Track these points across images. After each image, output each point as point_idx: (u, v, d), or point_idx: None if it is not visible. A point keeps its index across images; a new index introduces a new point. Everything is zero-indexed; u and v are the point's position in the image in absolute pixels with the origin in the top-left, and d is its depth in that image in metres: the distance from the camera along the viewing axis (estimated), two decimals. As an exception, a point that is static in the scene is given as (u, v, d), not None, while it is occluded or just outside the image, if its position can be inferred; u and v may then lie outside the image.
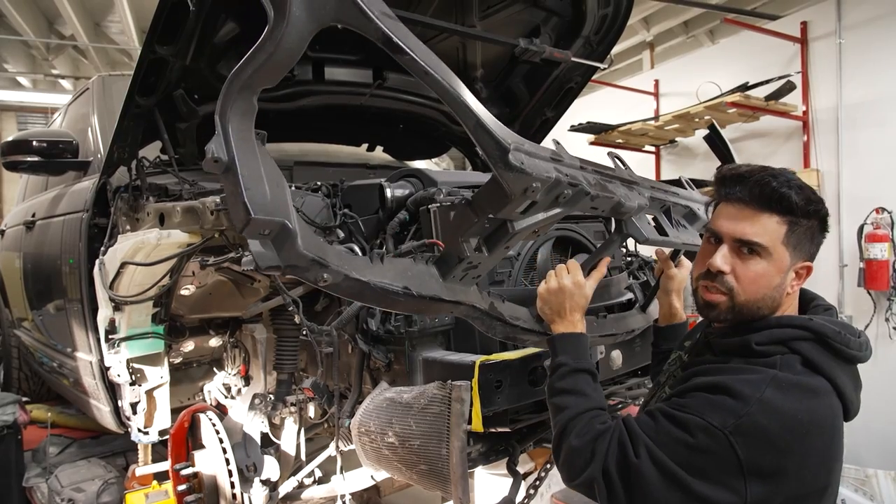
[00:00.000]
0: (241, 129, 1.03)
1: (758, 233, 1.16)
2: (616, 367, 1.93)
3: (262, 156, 1.05)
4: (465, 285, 1.37)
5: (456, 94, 1.11)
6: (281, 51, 1.01)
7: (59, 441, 3.42)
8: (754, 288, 1.18)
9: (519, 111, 3.18)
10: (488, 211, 1.24)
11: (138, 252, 2.08)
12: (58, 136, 2.81)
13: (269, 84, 1.05)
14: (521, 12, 2.63)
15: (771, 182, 1.16)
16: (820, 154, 4.92)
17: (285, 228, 1.04)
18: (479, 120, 1.13)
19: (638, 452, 1.09)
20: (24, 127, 9.95)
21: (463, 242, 1.29)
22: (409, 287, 1.24)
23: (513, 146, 1.13)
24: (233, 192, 1.01)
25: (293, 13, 1.00)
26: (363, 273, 1.18)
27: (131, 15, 7.97)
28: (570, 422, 1.23)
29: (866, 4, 4.65)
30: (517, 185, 1.15)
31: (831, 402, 1.11)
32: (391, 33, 1.06)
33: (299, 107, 2.64)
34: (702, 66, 6.05)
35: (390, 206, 1.83)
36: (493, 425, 1.61)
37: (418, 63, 1.08)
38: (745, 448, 1.03)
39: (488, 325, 1.44)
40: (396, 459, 1.65)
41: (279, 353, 2.29)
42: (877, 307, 4.54)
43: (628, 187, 1.48)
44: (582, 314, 1.43)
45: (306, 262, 1.08)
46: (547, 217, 1.30)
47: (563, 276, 1.43)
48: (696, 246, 1.67)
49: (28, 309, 3.44)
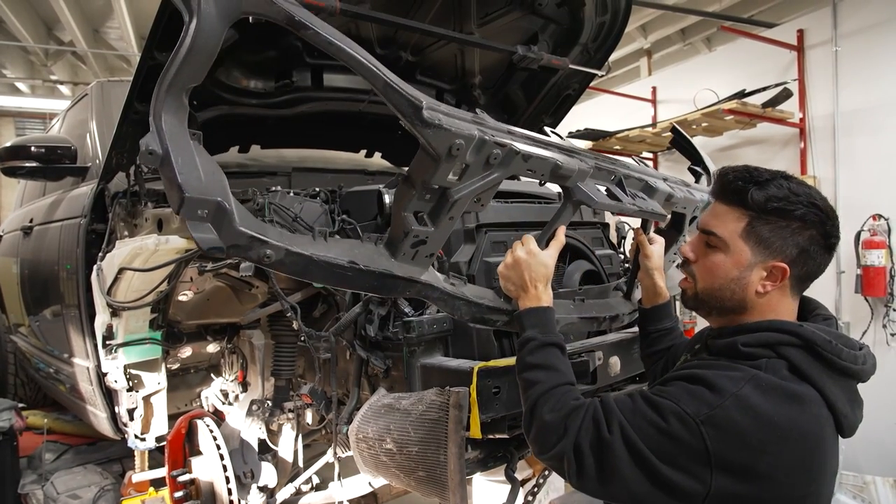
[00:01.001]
0: (174, 125, 1.08)
1: (716, 225, 1.21)
2: (614, 373, 1.93)
3: (197, 150, 1.10)
4: (419, 265, 1.38)
5: (360, 58, 1.16)
6: (197, 47, 1.06)
7: (55, 447, 3.41)
8: (710, 278, 1.22)
9: (517, 118, 3.19)
10: (421, 177, 1.26)
11: (136, 258, 2.07)
12: (56, 142, 2.82)
13: (194, 82, 1.10)
14: (519, 20, 2.64)
15: (729, 175, 1.20)
16: (817, 161, 4.95)
17: (220, 207, 1.08)
18: (388, 80, 1.17)
19: (611, 429, 1.11)
20: (22, 132, 9.97)
21: (406, 216, 1.31)
22: (356, 261, 1.26)
23: (425, 103, 1.17)
24: (169, 178, 1.06)
25: (203, 10, 1.06)
26: (305, 248, 1.21)
27: (130, 21, 7.99)
28: (542, 396, 1.24)
29: (862, 13, 4.69)
30: (439, 142, 1.19)
31: (818, 413, 1.08)
32: (293, 13, 1.12)
33: (298, 113, 2.65)
34: (699, 73, 6.07)
35: (388, 212, 1.83)
36: (492, 431, 1.60)
37: (321, 35, 1.14)
38: (714, 440, 1.03)
39: (451, 306, 1.45)
40: (394, 466, 1.65)
41: (277, 359, 2.28)
42: (874, 314, 4.55)
43: (567, 154, 1.48)
44: (545, 284, 1.43)
45: (246, 239, 1.12)
46: (484, 182, 1.32)
47: (516, 249, 1.45)
48: (657, 215, 1.71)
49: (25, 314, 3.43)
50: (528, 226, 1.97)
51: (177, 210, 1.06)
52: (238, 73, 2.39)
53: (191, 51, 1.06)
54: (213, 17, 1.07)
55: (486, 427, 1.56)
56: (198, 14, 1.06)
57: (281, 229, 1.24)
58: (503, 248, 1.89)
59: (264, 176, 2.70)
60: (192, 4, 1.06)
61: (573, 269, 1.98)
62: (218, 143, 2.68)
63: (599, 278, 2.07)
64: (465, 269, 1.79)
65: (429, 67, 2.85)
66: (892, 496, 3.94)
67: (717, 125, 5.25)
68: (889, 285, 4.41)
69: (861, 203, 4.59)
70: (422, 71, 2.85)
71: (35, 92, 10.87)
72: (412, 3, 2.44)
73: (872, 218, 4.53)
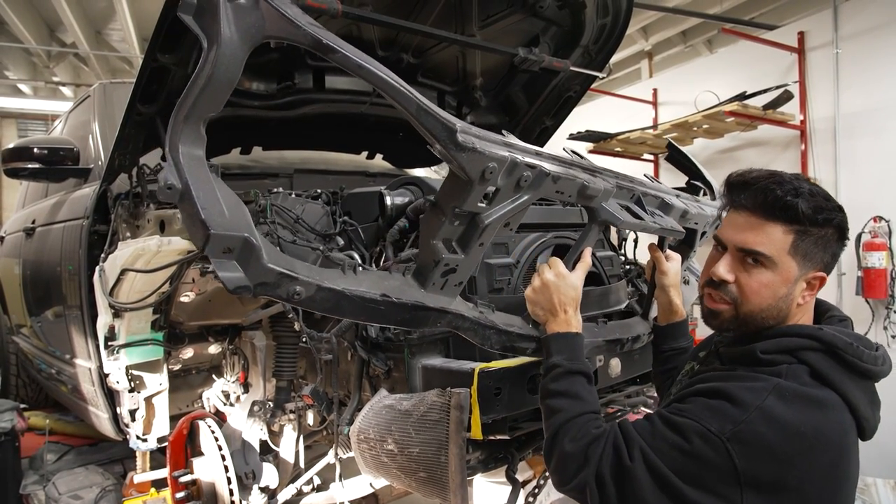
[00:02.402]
0: (192, 157, 1.02)
1: (762, 242, 1.12)
2: (615, 374, 1.93)
3: (216, 182, 1.04)
4: (448, 294, 1.33)
5: (392, 81, 1.11)
6: (218, 76, 1.01)
7: (57, 448, 3.41)
8: (758, 299, 1.14)
9: (518, 119, 3.20)
10: (452, 204, 1.21)
11: (138, 259, 2.08)
12: (59, 144, 2.82)
13: (213, 111, 1.04)
14: (520, 22, 2.65)
15: (776, 190, 1.12)
16: (818, 163, 4.95)
17: (248, 243, 1.02)
18: (420, 104, 1.12)
19: (632, 455, 1.06)
20: (24, 134, 10.00)
21: (435, 244, 1.26)
22: (388, 294, 1.21)
23: (459, 127, 1.12)
24: (190, 213, 0.99)
25: (224, 37, 1.00)
26: (336, 283, 1.15)
27: (132, 23, 8.01)
28: (564, 425, 1.20)
29: (862, 15, 4.69)
30: (473, 166, 1.14)
31: (841, 418, 1.05)
32: (320, 37, 1.07)
33: (300, 115, 2.66)
34: (700, 75, 6.08)
35: (390, 214, 1.84)
36: (492, 433, 1.60)
37: (351, 59, 1.09)
38: (742, 457, 0.99)
39: (482, 336, 1.41)
40: (395, 467, 1.65)
41: (278, 360, 2.29)
42: (875, 316, 4.55)
43: (591, 174, 1.46)
44: (575, 309, 1.39)
45: (275, 276, 1.06)
46: (514, 206, 1.28)
47: (544, 272, 1.41)
48: (676, 232, 1.67)
49: (27, 315, 3.44)
50: (530, 227, 1.97)
51: (201, 248, 0.99)
52: (241, 75, 2.40)
53: (211, 80, 1.01)
54: (235, 44, 1.02)
55: (487, 428, 1.56)
56: (218, 41, 1.00)
57: (309, 264, 1.18)
58: (504, 249, 1.89)
59: (266, 177, 2.71)
60: (212, 31, 1.00)
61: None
62: (220, 144, 2.69)
63: (600, 280, 2.07)
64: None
65: (430, 69, 2.86)
66: (893, 498, 3.94)
67: (719, 127, 5.26)
68: (890, 287, 4.42)
69: (862, 205, 4.59)
70: (423, 73, 2.86)
71: (37, 93, 10.89)
72: (414, 5, 2.45)
73: (873, 220, 4.53)
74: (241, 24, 1.03)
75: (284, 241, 1.69)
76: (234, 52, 1.02)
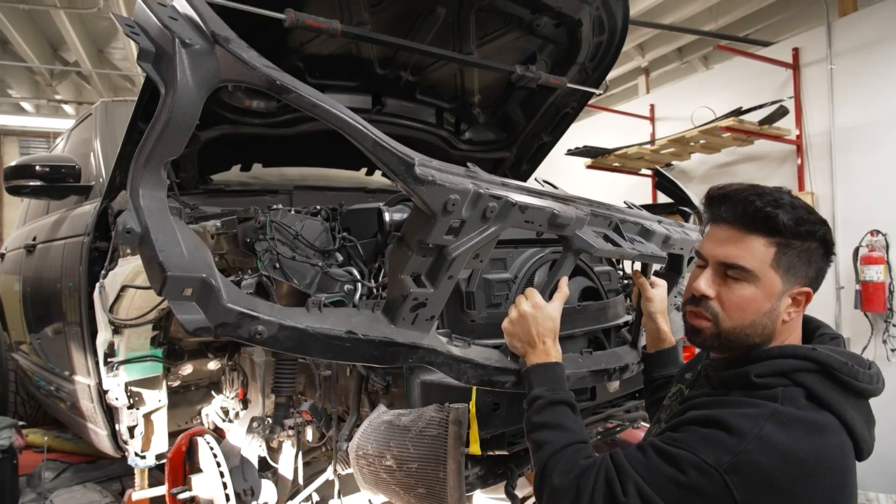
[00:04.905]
0: (153, 200, 1.03)
1: (742, 255, 1.10)
2: (613, 389, 1.93)
3: (178, 226, 1.05)
4: (420, 329, 1.31)
5: (347, 118, 1.12)
6: (175, 120, 1.02)
7: (55, 466, 3.40)
8: (740, 314, 1.11)
9: (516, 136, 3.23)
10: (417, 237, 1.20)
11: (139, 275, 2.09)
12: (60, 161, 2.84)
13: (173, 155, 1.05)
14: (517, 40, 2.69)
15: (756, 201, 1.09)
16: (814, 177, 4.98)
17: (207, 284, 1.01)
18: (377, 139, 1.13)
19: (626, 490, 1.02)
20: (26, 151, 10.06)
21: (403, 279, 1.25)
22: (354, 331, 1.19)
23: (417, 160, 1.13)
24: (148, 256, 1.00)
25: (181, 83, 1.02)
26: (299, 321, 1.14)
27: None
28: (551, 458, 1.16)
29: (856, 32, 4.75)
30: (434, 199, 1.14)
31: (840, 441, 1.02)
32: (275, 78, 1.08)
33: (300, 132, 2.68)
34: (696, 91, 6.14)
35: (388, 230, 1.85)
36: (491, 448, 1.61)
37: (305, 98, 1.10)
38: (741, 488, 0.95)
39: (457, 371, 1.39)
40: (394, 483, 1.65)
41: (277, 377, 2.28)
42: (874, 329, 4.54)
43: (562, 202, 1.45)
44: (553, 339, 1.36)
45: (235, 316, 1.05)
46: (482, 237, 1.27)
47: (521, 304, 1.39)
48: (657, 258, 1.66)
49: (26, 332, 3.44)
50: (526, 243, 1.98)
51: (159, 290, 0.99)
52: (240, 93, 2.42)
53: (168, 124, 1.02)
54: (191, 89, 1.03)
55: (486, 443, 1.56)
56: (175, 87, 1.02)
57: (271, 303, 1.16)
58: (502, 265, 1.91)
59: (266, 194, 2.72)
60: (167, 77, 1.02)
61: (572, 286, 1.99)
62: (220, 161, 2.71)
63: (598, 295, 2.08)
64: (465, 286, 1.81)
65: (429, 87, 2.89)
66: (896, 514, 3.92)
67: (715, 142, 5.29)
68: (888, 301, 4.42)
69: (859, 219, 4.62)
70: (422, 90, 2.89)
71: (40, 111, 10.96)
72: (412, 24, 2.48)
73: (870, 234, 4.54)
74: (197, 70, 1.05)
75: (284, 257, 1.70)
76: (190, 98, 1.04)
